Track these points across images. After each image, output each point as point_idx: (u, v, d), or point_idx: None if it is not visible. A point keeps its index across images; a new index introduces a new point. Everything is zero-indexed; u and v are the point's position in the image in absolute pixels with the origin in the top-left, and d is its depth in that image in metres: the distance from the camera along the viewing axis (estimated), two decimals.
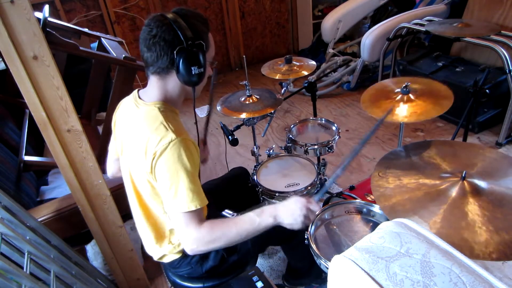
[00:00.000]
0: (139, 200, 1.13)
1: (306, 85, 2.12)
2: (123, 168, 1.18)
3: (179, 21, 0.97)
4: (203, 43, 0.99)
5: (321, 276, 1.68)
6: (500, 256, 0.86)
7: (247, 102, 1.88)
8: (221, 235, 1.02)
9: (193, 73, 0.98)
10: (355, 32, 4.38)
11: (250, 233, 1.05)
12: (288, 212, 1.07)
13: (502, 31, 2.46)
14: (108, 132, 1.77)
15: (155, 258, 1.23)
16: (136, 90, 1.15)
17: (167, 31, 0.96)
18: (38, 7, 2.32)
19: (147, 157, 0.98)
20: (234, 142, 1.74)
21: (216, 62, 1.11)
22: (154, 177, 1.00)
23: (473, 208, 0.98)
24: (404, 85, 1.52)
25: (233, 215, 1.32)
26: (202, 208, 1.01)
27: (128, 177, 1.14)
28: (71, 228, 1.55)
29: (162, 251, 1.19)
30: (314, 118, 2.04)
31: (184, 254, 1.21)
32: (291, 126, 1.98)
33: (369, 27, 3.54)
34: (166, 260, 1.22)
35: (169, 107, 1.08)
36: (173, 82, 1.05)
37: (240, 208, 1.39)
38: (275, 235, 1.38)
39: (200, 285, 1.25)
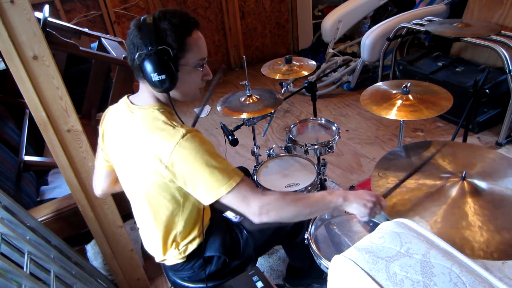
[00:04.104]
0: (149, 204, 1.10)
1: (306, 85, 2.12)
2: (123, 177, 1.15)
3: (148, 24, 0.94)
4: (167, 48, 0.94)
5: (321, 276, 1.68)
6: (501, 255, 0.86)
7: (247, 102, 1.88)
8: (291, 202, 0.97)
9: (153, 80, 0.94)
10: (355, 32, 4.38)
11: (319, 208, 1.01)
12: (358, 198, 1.02)
13: (502, 31, 2.47)
14: None
15: (157, 260, 1.22)
16: (126, 96, 1.11)
17: (135, 35, 0.95)
18: (38, 7, 2.32)
19: (162, 159, 0.95)
20: (234, 142, 1.74)
21: (204, 64, 1.04)
22: (175, 177, 0.96)
23: (473, 208, 0.98)
24: (404, 85, 1.53)
25: (236, 217, 1.32)
26: (244, 178, 0.96)
27: (132, 185, 1.11)
28: (71, 228, 1.55)
29: (166, 255, 1.18)
30: (314, 118, 2.04)
31: (187, 259, 1.20)
32: (291, 126, 1.98)
33: (369, 27, 3.54)
34: (168, 262, 1.21)
35: (167, 108, 1.06)
36: None
37: None
38: (278, 234, 1.38)
39: (202, 285, 1.25)
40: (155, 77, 0.94)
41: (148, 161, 0.99)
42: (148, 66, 0.94)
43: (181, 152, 0.93)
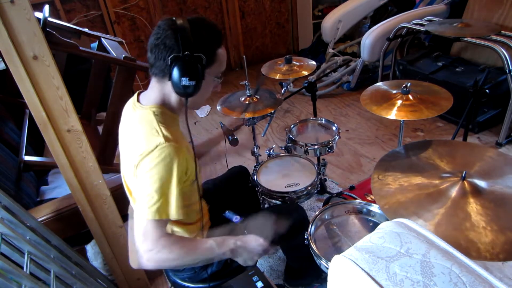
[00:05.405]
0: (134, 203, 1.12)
1: (306, 85, 2.12)
2: (121, 173, 1.16)
3: (185, 28, 0.95)
4: (202, 56, 0.96)
5: (321, 276, 1.68)
6: (507, 256, 0.86)
7: (247, 102, 1.88)
8: (177, 257, 0.97)
9: (182, 83, 0.95)
10: (355, 32, 4.38)
11: (204, 261, 1.05)
12: (247, 251, 1.09)
13: (502, 31, 2.46)
14: (108, 132, 1.77)
15: None
16: (137, 92, 1.13)
17: (169, 36, 0.95)
18: (38, 7, 2.32)
19: (135, 161, 0.97)
20: (234, 142, 1.74)
21: (222, 77, 1.08)
22: (136, 178, 0.98)
23: (475, 208, 0.98)
24: (404, 85, 1.53)
25: (237, 218, 1.32)
26: (166, 221, 0.97)
27: (125, 183, 1.13)
28: (71, 228, 1.55)
29: None
30: (314, 118, 2.05)
31: None
32: (291, 126, 1.98)
33: (369, 27, 3.54)
34: None
35: (167, 112, 1.06)
36: (170, 87, 1.02)
37: (240, 208, 1.39)
38: (277, 235, 1.38)
39: (202, 285, 1.25)
40: (184, 81, 0.95)
41: (130, 158, 1.01)
42: (181, 70, 0.94)
43: (147, 159, 0.94)
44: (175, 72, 0.95)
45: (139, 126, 1.02)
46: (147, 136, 0.97)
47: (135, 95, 1.12)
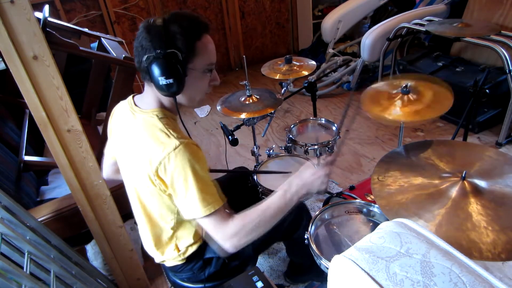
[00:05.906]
0: (143, 208, 1.11)
1: (306, 85, 2.12)
2: (123, 176, 1.16)
3: (157, 26, 0.93)
4: (176, 52, 0.93)
5: (322, 274, 1.68)
6: (509, 255, 0.85)
7: (247, 102, 1.88)
8: (257, 223, 1.00)
9: (161, 83, 0.93)
10: (355, 32, 4.38)
11: (284, 210, 1.06)
12: (311, 182, 1.12)
13: (502, 31, 2.46)
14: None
15: (157, 261, 1.22)
16: (131, 96, 1.11)
17: (145, 37, 0.94)
18: (38, 7, 2.32)
19: (152, 167, 0.95)
20: (234, 142, 1.74)
21: (213, 66, 1.04)
22: (165, 186, 0.98)
23: (476, 208, 0.98)
24: (404, 85, 1.53)
25: None
26: (221, 207, 0.99)
27: (130, 186, 1.12)
28: (71, 228, 1.55)
29: (165, 256, 1.18)
30: (314, 118, 2.05)
31: (187, 261, 1.20)
32: (291, 126, 1.98)
33: (369, 27, 3.54)
34: (168, 264, 1.22)
35: (168, 113, 1.05)
36: None
37: (240, 208, 1.39)
38: (276, 231, 1.38)
39: (201, 285, 1.25)
40: (162, 80, 0.93)
41: (142, 165, 0.99)
42: (156, 69, 0.93)
43: (170, 164, 0.94)
44: (152, 73, 0.93)
45: (144, 131, 1.00)
46: (159, 141, 0.96)
47: (130, 99, 1.10)
